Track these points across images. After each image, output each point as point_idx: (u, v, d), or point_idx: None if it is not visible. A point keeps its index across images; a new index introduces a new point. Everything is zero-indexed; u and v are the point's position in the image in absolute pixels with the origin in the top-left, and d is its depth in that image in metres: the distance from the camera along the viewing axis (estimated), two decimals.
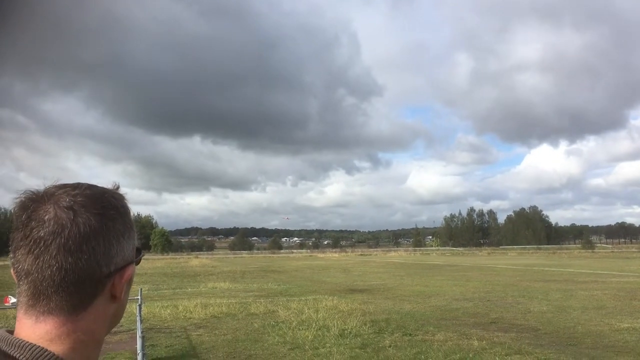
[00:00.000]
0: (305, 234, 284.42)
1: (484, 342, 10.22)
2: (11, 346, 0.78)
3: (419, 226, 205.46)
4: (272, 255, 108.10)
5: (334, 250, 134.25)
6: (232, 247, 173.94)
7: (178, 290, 23.76)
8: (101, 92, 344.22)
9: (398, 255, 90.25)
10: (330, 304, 16.11)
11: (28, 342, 0.79)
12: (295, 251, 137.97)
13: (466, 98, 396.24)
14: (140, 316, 9.08)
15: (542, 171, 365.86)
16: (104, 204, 0.85)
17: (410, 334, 11.22)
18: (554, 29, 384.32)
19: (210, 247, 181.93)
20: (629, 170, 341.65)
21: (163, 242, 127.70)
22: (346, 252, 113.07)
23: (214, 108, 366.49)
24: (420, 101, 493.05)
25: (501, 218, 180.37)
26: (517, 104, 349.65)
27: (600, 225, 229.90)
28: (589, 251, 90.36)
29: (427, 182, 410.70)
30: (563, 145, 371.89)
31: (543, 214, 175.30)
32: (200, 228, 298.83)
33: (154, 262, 62.42)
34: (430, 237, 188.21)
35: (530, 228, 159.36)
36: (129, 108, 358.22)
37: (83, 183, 0.87)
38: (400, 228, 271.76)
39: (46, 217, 0.81)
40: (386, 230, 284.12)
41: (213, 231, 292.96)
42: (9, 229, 0.86)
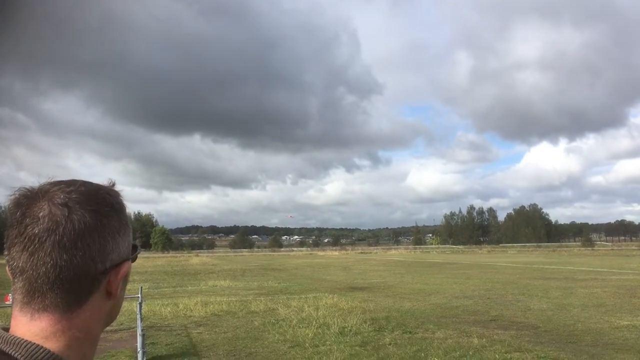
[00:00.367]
0: (305, 232, 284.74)
1: (484, 340, 10.22)
2: (6, 343, 0.78)
3: (419, 224, 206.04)
4: (273, 253, 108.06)
5: (334, 248, 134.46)
6: (233, 246, 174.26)
7: (178, 288, 23.77)
8: (101, 91, 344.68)
9: (398, 253, 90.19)
10: (330, 302, 16.12)
11: (23, 340, 0.79)
12: (295, 249, 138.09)
13: (466, 96, 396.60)
14: (140, 314, 9.10)
15: (542, 169, 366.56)
16: (99, 201, 0.84)
17: (410, 332, 11.22)
18: (554, 27, 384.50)
19: (210, 246, 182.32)
20: (629, 168, 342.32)
21: (163, 241, 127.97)
22: (346, 250, 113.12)
23: (214, 106, 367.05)
24: (420, 99, 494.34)
25: (501, 216, 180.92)
26: (517, 102, 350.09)
27: (600, 223, 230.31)
28: (589, 249, 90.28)
29: (427, 180, 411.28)
30: (563, 143, 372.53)
31: (543, 212, 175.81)
32: (200, 226, 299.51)
33: (155, 261, 62.45)
34: (430, 235, 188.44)
35: (530, 226, 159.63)
36: (129, 107, 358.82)
37: (78, 180, 0.87)
38: (400, 226, 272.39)
39: (40, 214, 0.80)
40: (386, 228, 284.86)
41: (213, 229, 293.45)
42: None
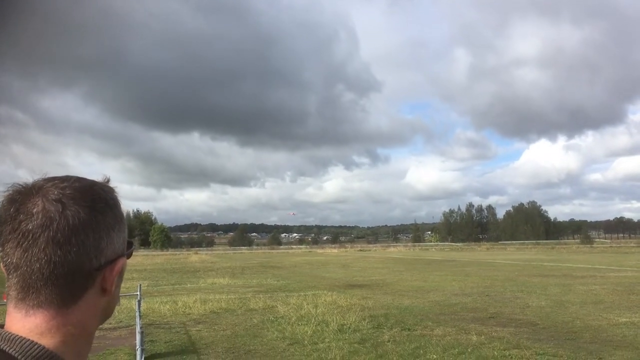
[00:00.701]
0: (304, 230, 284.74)
1: (483, 337, 10.24)
2: (1, 340, 0.78)
3: (418, 222, 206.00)
4: (272, 251, 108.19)
5: (333, 245, 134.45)
6: (232, 243, 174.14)
7: (177, 286, 23.78)
8: (100, 89, 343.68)
9: (397, 250, 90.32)
10: (329, 300, 16.14)
11: (18, 336, 0.78)
12: (294, 247, 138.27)
13: (465, 93, 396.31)
14: (139, 312, 9.10)
15: (541, 166, 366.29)
16: (93, 197, 0.84)
17: (409, 329, 11.24)
18: (553, 24, 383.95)
19: (209, 243, 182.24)
20: (628, 165, 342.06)
21: (162, 238, 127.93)
22: (345, 248, 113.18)
23: (213, 104, 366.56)
24: (419, 97, 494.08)
25: (500, 213, 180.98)
26: (516, 99, 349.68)
27: (598, 220, 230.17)
28: (588, 246, 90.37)
29: (426, 178, 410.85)
30: (561, 140, 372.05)
31: (542, 209, 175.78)
32: (199, 224, 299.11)
33: (154, 258, 62.48)
34: (429, 233, 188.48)
35: (529, 223, 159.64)
36: (128, 104, 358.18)
37: (72, 176, 0.86)
38: (399, 224, 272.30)
39: (34, 210, 0.80)
40: (385, 225, 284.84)
41: (212, 227, 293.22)
42: None
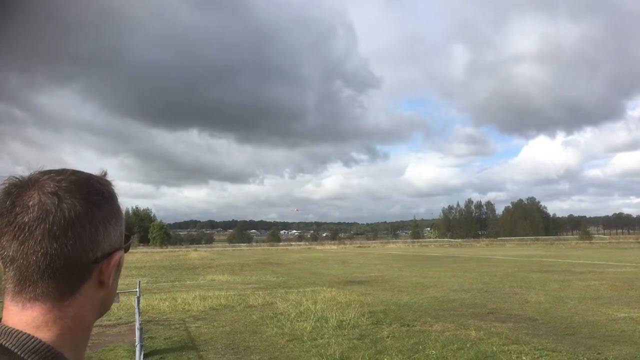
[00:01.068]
0: (303, 227, 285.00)
1: (482, 333, 10.26)
2: None
3: (417, 218, 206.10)
4: (271, 247, 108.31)
5: (333, 242, 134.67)
6: (231, 240, 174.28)
7: (177, 282, 23.80)
8: (97, 85, 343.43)
9: (396, 247, 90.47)
10: (328, 296, 16.16)
11: (15, 329, 0.78)
12: (293, 244, 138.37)
13: (464, 90, 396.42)
14: (138, 309, 9.09)
15: (540, 162, 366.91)
16: (90, 190, 0.84)
17: (408, 325, 11.26)
18: (551, 20, 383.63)
19: (208, 240, 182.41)
20: (626, 161, 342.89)
21: (162, 235, 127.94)
22: (344, 244, 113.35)
23: (211, 101, 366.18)
24: (417, 93, 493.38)
25: (499, 209, 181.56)
26: (515, 95, 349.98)
27: (597, 216, 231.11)
28: (587, 242, 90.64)
29: (425, 174, 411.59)
30: (560, 136, 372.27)
31: (541, 205, 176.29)
32: (198, 221, 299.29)
33: (153, 255, 62.52)
34: (428, 229, 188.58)
35: (528, 219, 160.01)
36: (126, 101, 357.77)
37: (68, 169, 0.86)
38: (398, 220, 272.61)
39: (30, 203, 0.79)
40: (384, 222, 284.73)
41: (212, 224, 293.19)
42: None
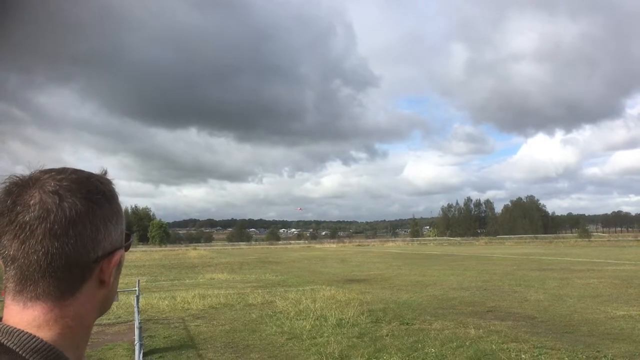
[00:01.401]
0: (302, 225, 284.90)
1: (481, 331, 10.27)
2: None
3: (417, 216, 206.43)
4: (270, 246, 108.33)
5: (332, 241, 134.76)
6: (230, 239, 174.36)
7: (176, 281, 23.80)
8: (97, 85, 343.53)
9: (396, 245, 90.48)
10: (327, 294, 16.17)
11: (15, 329, 0.78)
12: (293, 242, 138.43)
13: (463, 88, 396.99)
14: (138, 307, 9.09)
15: (539, 161, 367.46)
16: (90, 189, 0.84)
17: (407, 323, 11.26)
18: (550, 18, 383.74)
19: (208, 239, 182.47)
20: (625, 159, 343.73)
21: (161, 234, 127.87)
22: (344, 243, 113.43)
23: (210, 100, 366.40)
24: (417, 92, 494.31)
25: (498, 208, 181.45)
26: (514, 94, 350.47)
27: (596, 214, 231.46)
28: (586, 240, 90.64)
29: (424, 173, 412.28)
30: (559, 134, 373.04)
31: (540, 204, 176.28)
32: (198, 220, 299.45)
33: (152, 254, 62.50)
34: (427, 227, 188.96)
35: (527, 217, 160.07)
36: (125, 100, 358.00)
37: (69, 168, 0.86)
38: (397, 218, 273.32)
39: (31, 202, 0.79)
40: (384, 220, 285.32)
41: (211, 223, 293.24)
42: None
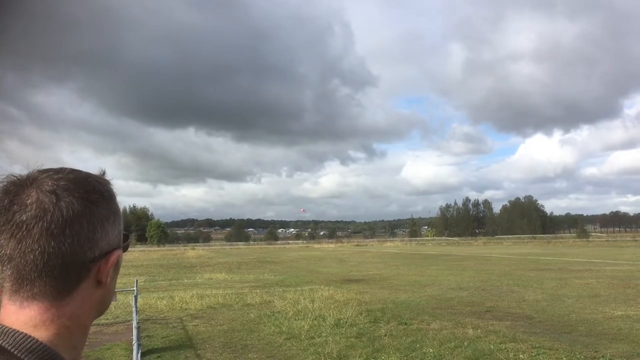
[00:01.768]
0: (301, 225, 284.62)
1: (479, 331, 10.28)
2: None
3: (415, 216, 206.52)
4: (269, 246, 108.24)
5: (330, 240, 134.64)
6: (229, 239, 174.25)
7: (174, 281, 23.78)
8: (94, 84, 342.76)
9: (394, 245, 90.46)
10: (326, 294, 16.16)
11: (11, 329, 0.77)
12: (291, 242, 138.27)
13: (461, 88, 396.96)
14: (136, 307, 9.09)
15: (537, 161, 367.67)
16: (88, 188, 0.83)
17: (405, 323, 11.27)
18: (548, 18, 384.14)
19: (206, 239, 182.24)
20: (623, 159, 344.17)
21: (159, 234, 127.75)
22: (342, 243, 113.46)
23: (208, 99, 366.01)
24: (415, 91, 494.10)
25: (496, 208, 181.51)
26: (512, 94, 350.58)
27: (594, 214, 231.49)
28: (584, 240, 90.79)
29: (423, 173, 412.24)
30: (557, 134, 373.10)
31: (538, 204, 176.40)
32: (196, 219, 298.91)
33: (150, 254, 62.44)
34: (426, 227, 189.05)
35: (525, 217, 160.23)
36: (123, 99, 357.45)
37: (66, 167, 0.85)
38: (396, 218, 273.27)
39: (28, 201, 0.79)
40: (382, 220, 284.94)
41: (209, 223, 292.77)
42: None
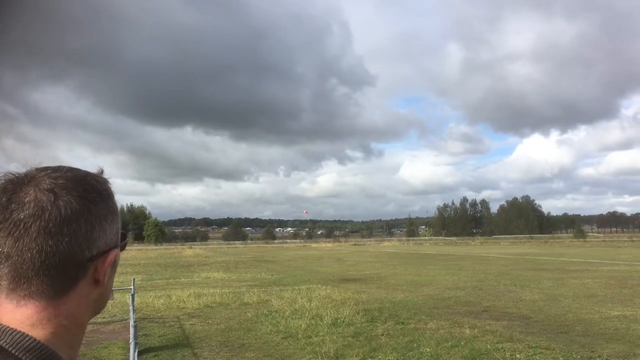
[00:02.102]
0: (298, 224, 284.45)
1: (476, 330, 10.30)
2: None
3: (412, 216, 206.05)
4: (266, 245, 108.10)
5: (328, 240, 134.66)
6: (226, 238, 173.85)
7: (171, 280, 23.76)
8: (92, 82, 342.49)
9: (391, 245, 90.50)
10: (323, 294, 16.17)
11: (8, 327, 0.77)
12: (288, 241, 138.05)
13: (458, 88, 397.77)
14: (133, 306, 9.08)
15: (534, 161, 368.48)
16: (86, 187, 0.83)
17: (402, 323, 11.28)
18: (546, 19, 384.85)
19: (203, 238, 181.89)
20: (620, 159, 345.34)
21: (156, 233, 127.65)
22: (339, 242, 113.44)
23: (206, 98, 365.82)
24: (413, 91, 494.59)
25: (494, 208, 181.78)
26: (509, 94, 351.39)
27: (591, 214, 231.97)
28: (581, 240, 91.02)
29: (420, 172, 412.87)
30: (555, 134, 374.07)
31: (535, 204, 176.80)
32: (193, 218, 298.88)
33: (147, 253, 62.32)
34: (423, 227, 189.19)
35: (522, 217, 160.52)
36: (120, 98, 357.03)
37: (64, 166, 0.85)
38: (393, 218, 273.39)
39: (26, 200, 0.79)
40: (379, 220, 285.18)
41: (206, 221, 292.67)
42: None
